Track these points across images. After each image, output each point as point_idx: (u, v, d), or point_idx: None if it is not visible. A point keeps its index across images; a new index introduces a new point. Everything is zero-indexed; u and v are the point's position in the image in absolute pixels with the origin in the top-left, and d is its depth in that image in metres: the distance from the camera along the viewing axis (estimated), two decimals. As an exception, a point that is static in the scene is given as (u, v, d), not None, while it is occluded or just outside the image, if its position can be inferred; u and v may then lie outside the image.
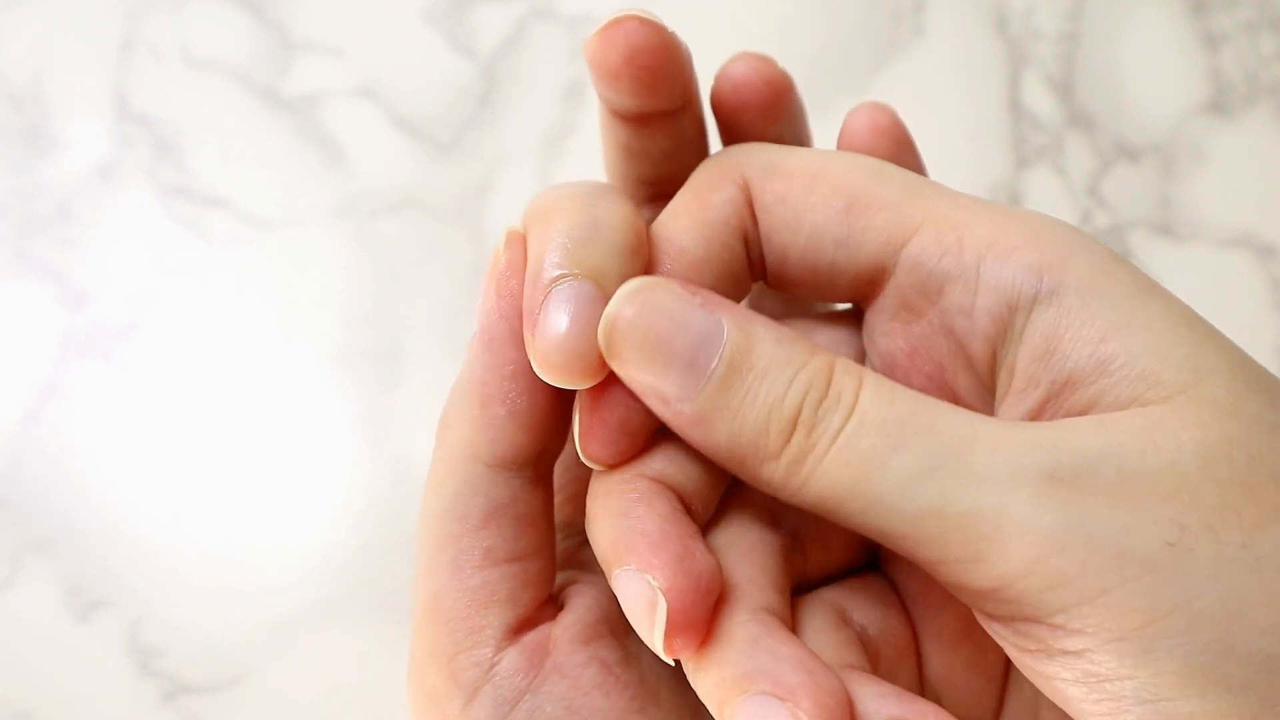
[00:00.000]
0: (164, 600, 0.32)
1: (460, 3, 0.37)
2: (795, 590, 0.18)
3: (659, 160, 0.20)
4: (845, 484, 0.14)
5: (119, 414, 0.33)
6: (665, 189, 0.20)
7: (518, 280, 0.16)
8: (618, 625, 0.17)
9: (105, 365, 0.33)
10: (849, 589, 0.18)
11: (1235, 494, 0.13)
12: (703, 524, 0.17)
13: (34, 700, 0.31)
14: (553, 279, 0.16)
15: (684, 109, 0.19)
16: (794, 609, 0.17)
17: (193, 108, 0.36)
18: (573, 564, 0.19)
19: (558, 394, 0.17)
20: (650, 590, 0.14)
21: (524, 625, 0.17)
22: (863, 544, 0.19)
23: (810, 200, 0.17)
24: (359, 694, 0.31)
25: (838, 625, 0.17)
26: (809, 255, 0.17)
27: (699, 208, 0.17)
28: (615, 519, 0.16)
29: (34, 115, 0.35)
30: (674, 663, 0.15)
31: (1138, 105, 0.37)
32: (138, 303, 0.34)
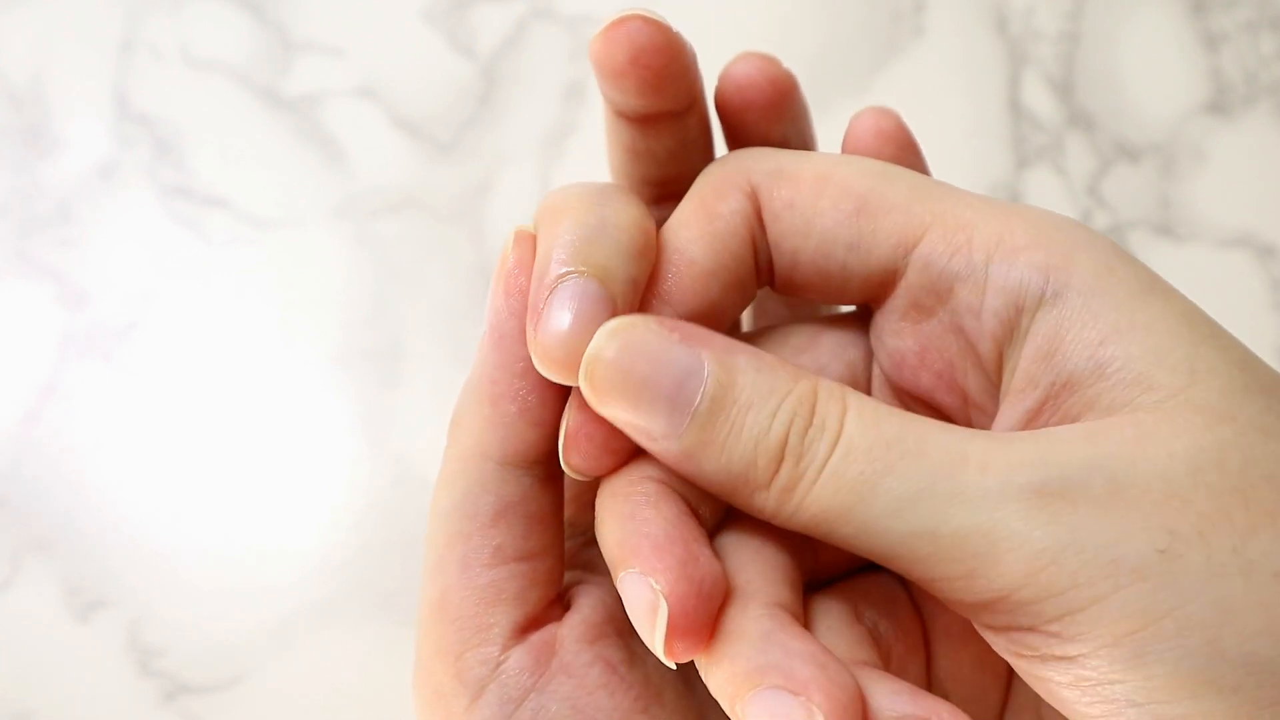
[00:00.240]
0: (164, 600, 0.32)
1: (460, 3, 0.37)
2: (806, 588, 0.18)
3: (664, 161, 0.20)
4: (836, 510, 0.14)
5: (119, 414, 0.33)
6: (670, 189, 0.20)
7: (526, 278, 0.16)
8: (623, 626, 0.17)
9: (105, 365, 0.33)
10: (859, 587, 0.18)
11: (1228, 499, 0.13)
12: (712, 527, 0.17)
13: (34, 700, 0.31)
14: (558, 276, 0.16)
15: (689, 109, 0.19)
16: (806, 606, 0.17)
17: (193, 108, 0.36)
18: (579, 564, 0.19)
19: (568, 392, 0.17)
20: (652, 594, 0.14)
21: (531, 624, 0.17)
22: None
23: (819, 205, 0.17)
24: (359, 694, 0.31)
25: (850, 622, 0.17)
26: (820, 259, 0.17)
27: (706, 217, 0.17)
28: (622, 521, 0.16)
29: (34, 115, 0.35)
30: (675, 666, 0.15)
31: (1138, 105, 0.37)
32: (138, 303, 0.34)
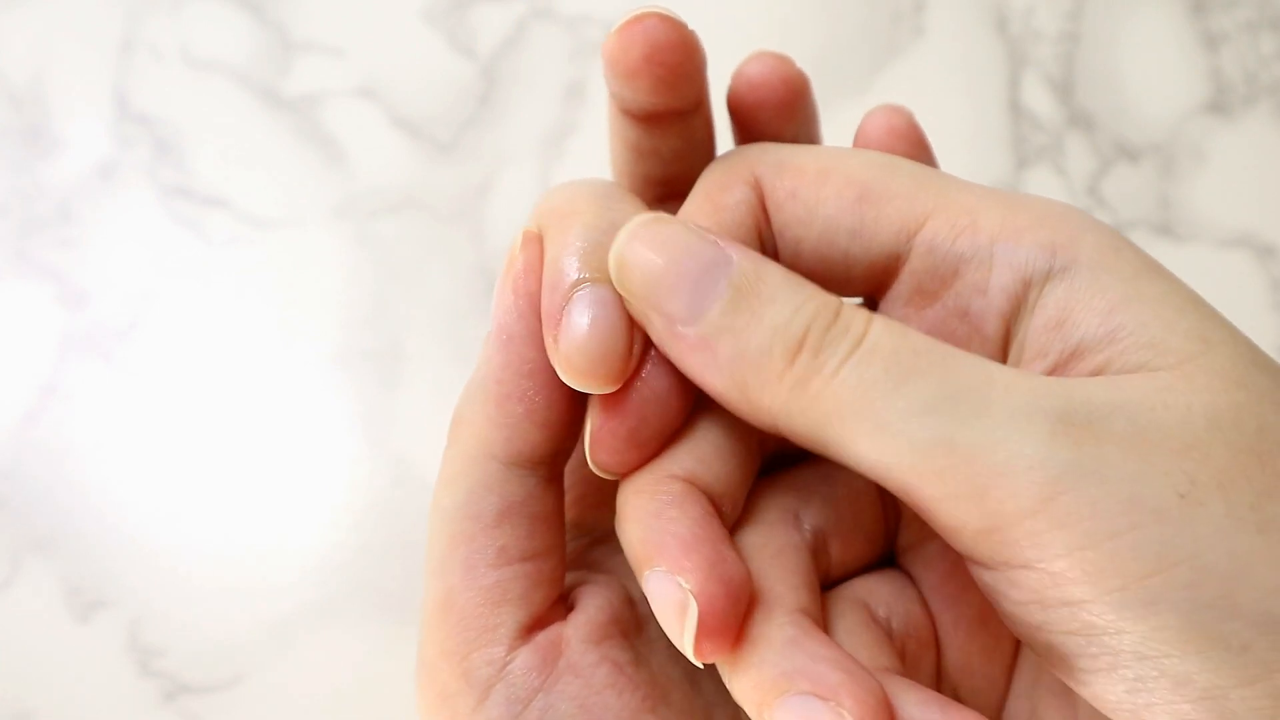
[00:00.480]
0: (164, 600, 0.32)
1: (460, 3, 0.37)
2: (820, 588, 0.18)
3: (669, 160, 0.20)
4: (851, 408, 0.14)
5: (119, 414, 0.33)
6: (674, 188, 0.20)
7: (535, 280, 0.17)
8: (628, 626, 0.18)
9: (105, 365, 0.33)
10: (871, 584, 0.18)
11: (1245, 459, 0.13)
12: (731, 524, 0.17)
13: (34, 700, 0.31)
14: (573, 283, 0.16)
15: (696, 109, 0.19)
16: (824, 607, 0.17)
17: (193, 108, 0.36)
18: (582, 564, 0.19)
19: (573, 394, 0.17)
20: (681, 593, 0.15)
21: (536, 624, 0.17)
22: (882, 539, 0.19)
23: (822, 194, 0.17)
24: (359, 694, 0.31)
25: (867, 624, 0.17)
26: (823, 248, 0.17)
27: (713, 209, 0.17)
28: (647, 519, 0.16)
29: (34, 115, 0.35)
30: (702, 665, 0.15)
31: (1138, 105, 0.37)
32: (138, 303, 0.34)
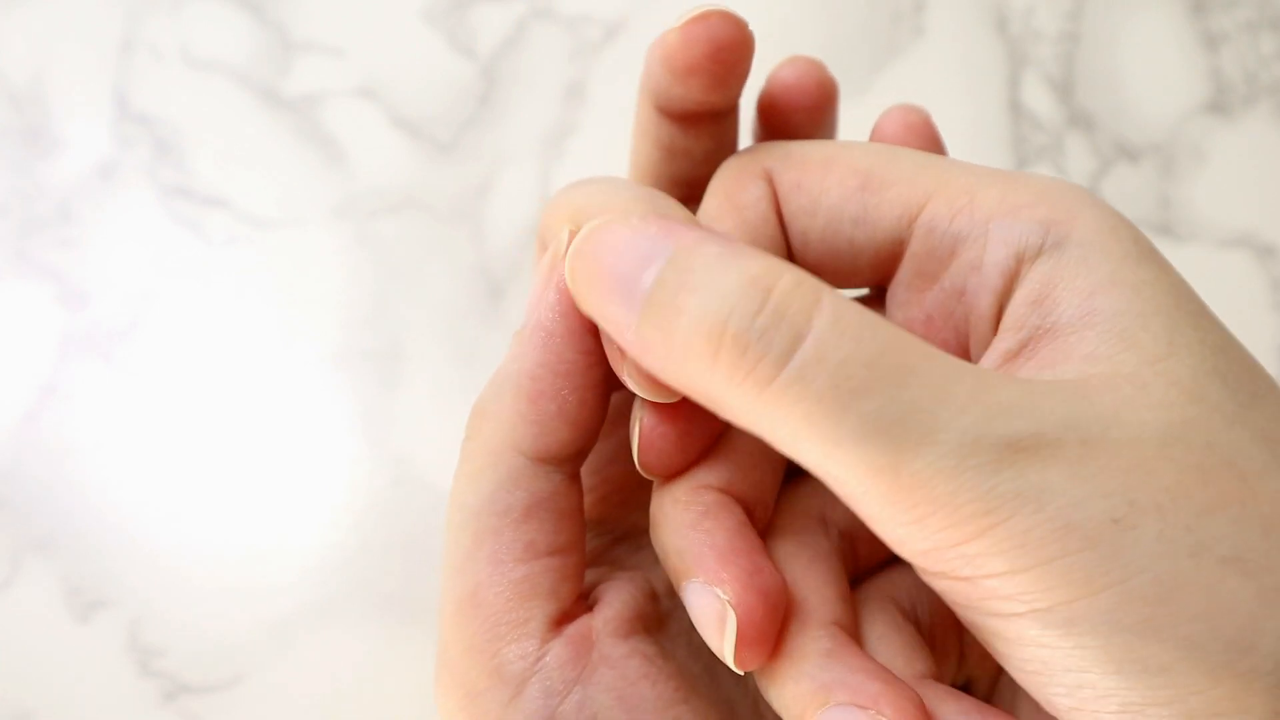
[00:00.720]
0: (164, 600, 0.32)
1: (460, 3, 0.37)
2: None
3: (699, 161, 0.20)
4: (794, 422, 0.13)
5: (119, 414, 0.33)
6: (699, 191, 0.20)
7: None
8: (651, 622, 0.18)
9: (105, 365, 0.33)
10: (895, 577, 0.18)
11: (1189, 476, 0.13)
12: (763, 527, 0.17)
13: (34, 700, 0.31)
14: None
15: (732, 110, 0.19)
16: (855, 609, 0.17)
17: (193, 108, 0.36)
18: (604, 562, 0.19)
19: (604, 395, 0.17)
20: (720, 604, 0.15)
21: (564, 618, 0.17)
22: None
23: (826, 183, 0.17)
24: (359, 694, 0.31)
25: (899, 625, 0.17)
26: (829, 237, 0.18)
27: (735, 208, 0.18)
28: (684, 530, 0.16)
29: (34, 115, 0.35)
30: (742, 673, 0.16)
31: (1138, 105, 0.37)
32: (138, 303, 0.34)
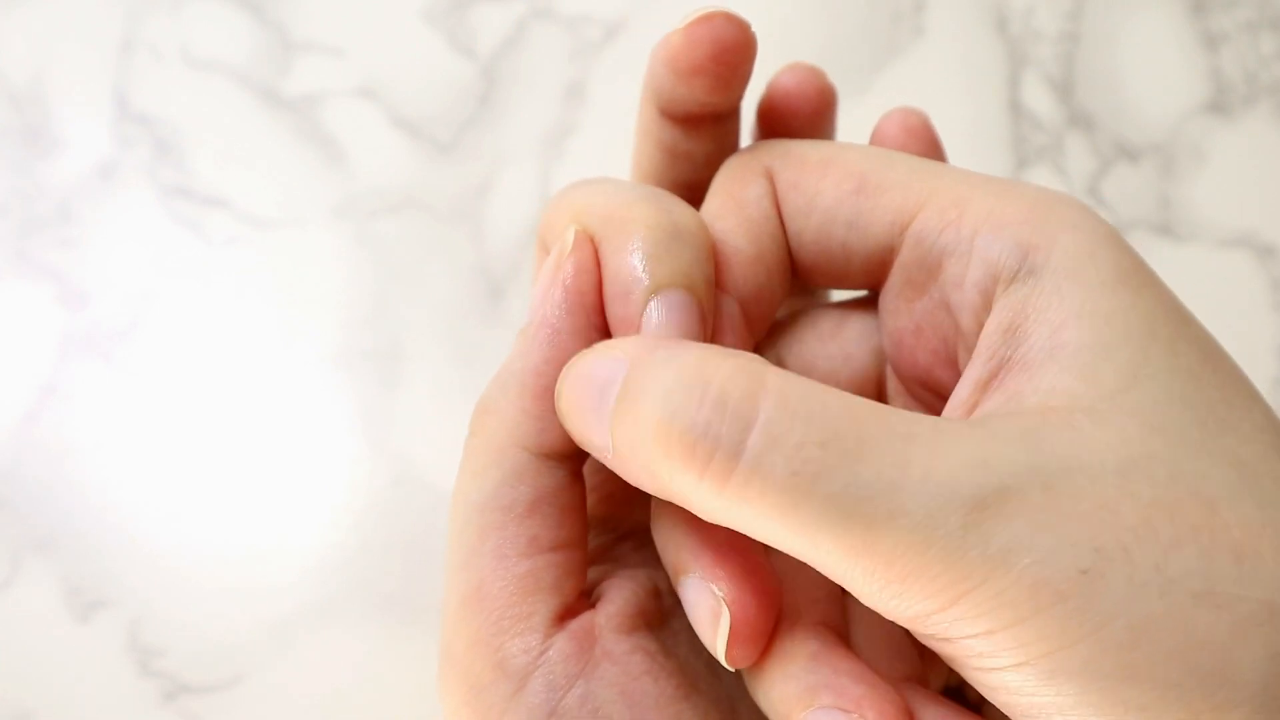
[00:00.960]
0: (164, 600, 0.32)
1: (460, 3, 0.37)
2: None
3: (700, 164, 0.20)
4: (762, 516, 0.13)
5: (119, 414, 0.33)
6: (699, 194, 0.20)
7: (587, 281, 0.17)
8: (654, 619, 0.18)
9: (105, 365, 0.33)
10: None
11: (1153, 512, 0.13)
12: None
13: (34, 700, 0.31)
14: (646, 289, 0.16)
15: (734, 112, 0.19)
16: (844, 609, 0.17)
17: (193, 108, 0.36)
18: (607, 560, 0.20)
19: None
20: (715, 600, 0.15)
21: (568, 613, 0.17)
22: None
23: (822, 185, 0.18)
24: (359, 694, 0.31)
25: (887, 627, 0.17)
26: (822, 239, 0.18)
27: (737, 205, 0.18)
28: (684, 527, 0.16)
29: (34, 115, 0.35)
30: (734, 670, 0.16)
31: (1138, 105, 0.37)
32: (138, 303, 0.34)
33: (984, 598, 0.13)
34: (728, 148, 0.20)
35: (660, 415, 0.13)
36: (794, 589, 0.16)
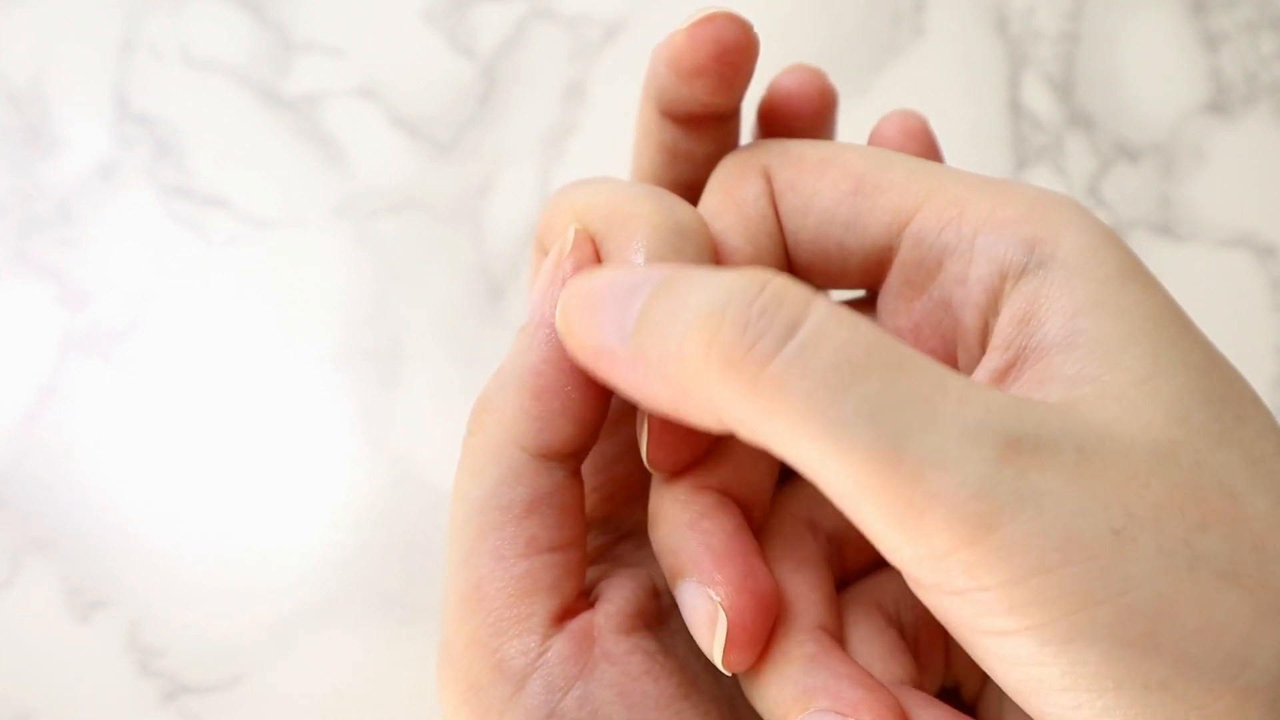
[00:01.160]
0: (164, 600, 0.32)
1: (460, 3, 0.37)
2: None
3: (700, 164, 0.20)
4: (797, 403, 0.13)
5: (119, 414, 0.33)
6: (699, 195, 0.20)
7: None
8: (653, 619, 0.18)
9: (105, 365, 0.33)
10: (881, 582, 0.18)
11: (1181, 493, 0.13)
12: (758, 527, 0.17)
13: (34, 700, 0.31)
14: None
15: (735, 112, 0.19)
16: (840, 612, 0.17)
17: (193, 108, 0.36)
18: (606, 560, 0.20)
19: (606, 392, 0.17)
20: (712, 605, 0.15)
21: (566, 614, 0.17)
22: None
23: (819, 185, 0.18)
24: (359, 694, 0.31)
25: (882, 630, 0.17)
26: (819, 239, 0.18)
27: (735, 204, 0.18)
28: (681, 530, 0.16)
29: (34, 115, 0.35)
30: (730, 675, 0.16)
31: (1138, 105, 0.37)
32: (138, 303, 0.34)
33: (1008, 539, 0.12)
34: (728, 148, 0.20)
35: (715, 301, 0.13)
36: (791, 591, 0.16)
